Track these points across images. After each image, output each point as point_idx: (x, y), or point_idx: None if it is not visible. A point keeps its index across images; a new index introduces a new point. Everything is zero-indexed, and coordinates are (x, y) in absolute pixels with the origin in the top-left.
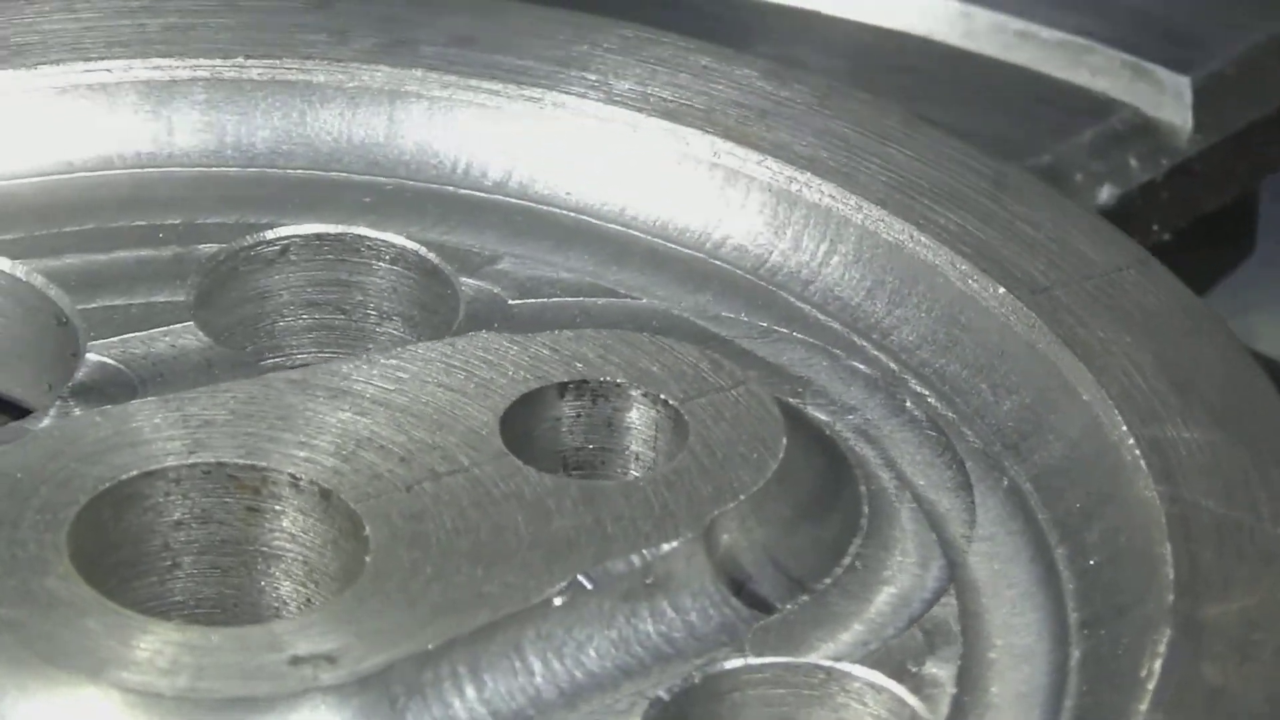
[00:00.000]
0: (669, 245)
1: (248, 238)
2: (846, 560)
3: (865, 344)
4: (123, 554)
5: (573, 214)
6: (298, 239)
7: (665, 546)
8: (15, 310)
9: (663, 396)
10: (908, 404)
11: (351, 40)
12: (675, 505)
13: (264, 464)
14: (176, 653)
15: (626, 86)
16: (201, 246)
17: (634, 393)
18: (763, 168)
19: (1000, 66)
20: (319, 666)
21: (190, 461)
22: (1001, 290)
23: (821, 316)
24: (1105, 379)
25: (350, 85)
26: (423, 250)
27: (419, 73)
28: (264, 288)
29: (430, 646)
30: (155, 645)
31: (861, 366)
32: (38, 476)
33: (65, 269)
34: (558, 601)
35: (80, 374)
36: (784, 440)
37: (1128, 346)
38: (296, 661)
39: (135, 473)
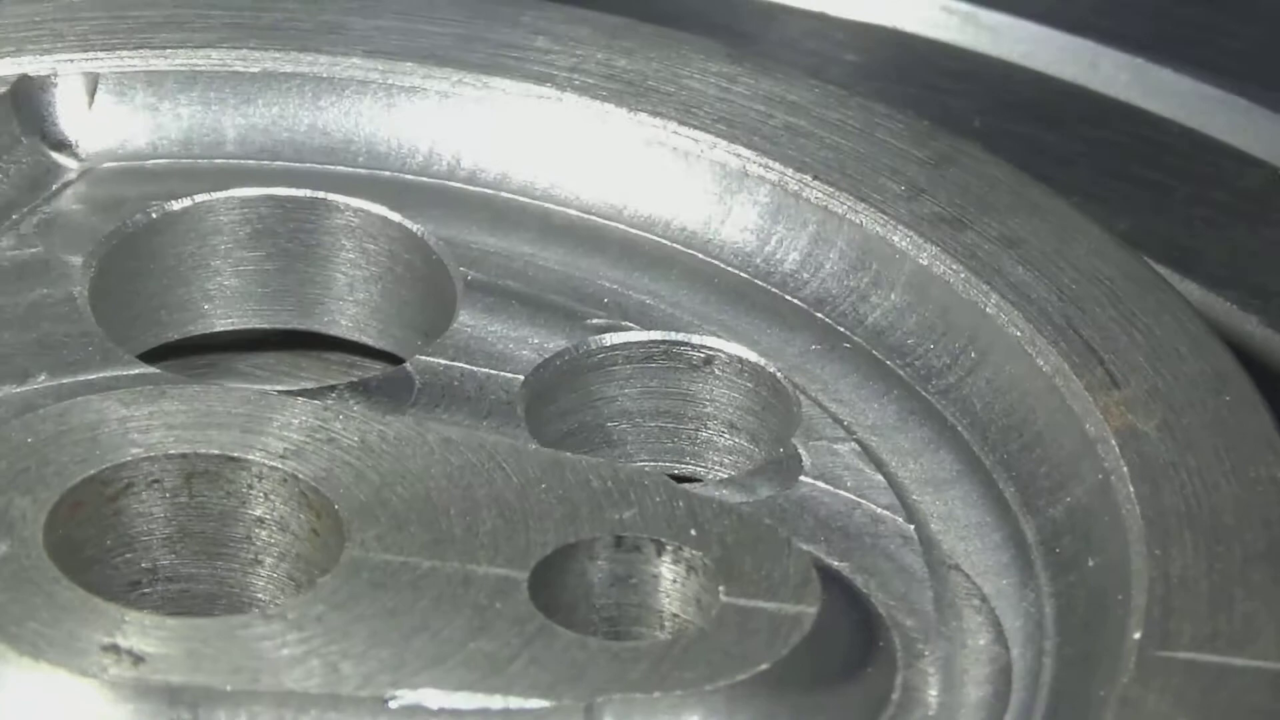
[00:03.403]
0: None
1: (669, 335)
2: None
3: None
4: (137, 529)
5: (953, 406)
6: (722, 354)
7: (534, 703)
8: (439, 309)
9: (720, 588)
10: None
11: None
12: (595, 673)
13: (327, 493)
14: (33, 601)
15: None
16: (618, 322)
17: (700, 574)
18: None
19: None
20: (121, 660)
21: (271, 463)
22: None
23: (1048, 590)
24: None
25: (809, 221)
26: (810, 409)
27: (918, 243)
28: (624, 385)
29: (228, 688)
30: (27, 593)
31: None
32: (123, 429)
33: (499, 289)
34: (392, 704)
35: (378, 375)
36: (761, 669)
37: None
38: (111, 649)
39: (215, 452)
